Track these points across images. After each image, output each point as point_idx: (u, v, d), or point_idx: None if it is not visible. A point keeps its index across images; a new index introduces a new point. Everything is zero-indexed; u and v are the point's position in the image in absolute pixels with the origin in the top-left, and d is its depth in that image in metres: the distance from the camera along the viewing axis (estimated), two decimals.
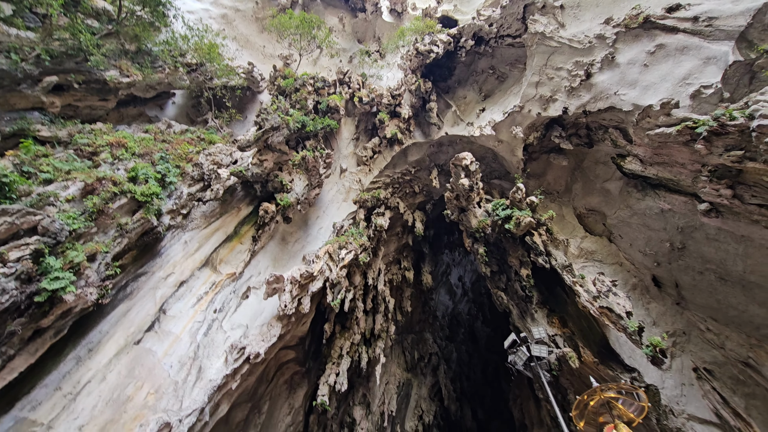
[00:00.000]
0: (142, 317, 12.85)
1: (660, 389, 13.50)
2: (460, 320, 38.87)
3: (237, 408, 15.38)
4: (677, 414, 13.05)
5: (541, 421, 21.88)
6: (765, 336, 11.84)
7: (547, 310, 18.31)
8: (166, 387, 11.85)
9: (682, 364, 13.94)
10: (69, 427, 9.59)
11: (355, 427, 24.74)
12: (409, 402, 29.85)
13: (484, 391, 37.85)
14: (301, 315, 16.77)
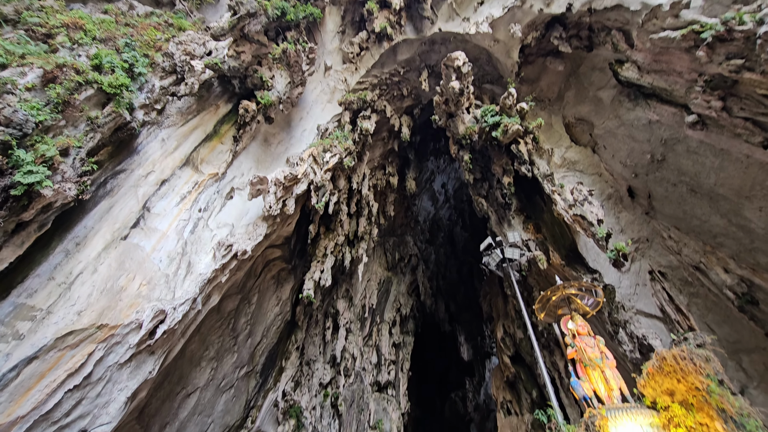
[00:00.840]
0: (126, 214, 12.88)
1: (616, 288, 14.91)
2: (441, 225, 40.50)
3: (228, 299, 16.46)
4: (627, 309, 14.62)
5: (506, 314, 24.32)
6: (719, 244, 12.80)
7: (524, 216, 19.12)
8: (157, 279, 12.42)
9: (640, 267, 15.21)
10: (68, 313, 10.18)
11: (339, 317, 27.11)
12: (389, 297, 32.46)
13: (458, 288, 41.18)
14: (286, 216, 17.11)
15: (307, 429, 21.94)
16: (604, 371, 8.37)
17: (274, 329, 20.18)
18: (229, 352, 16.91)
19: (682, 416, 6.83)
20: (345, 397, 25.29)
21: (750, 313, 11.97)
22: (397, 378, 30.00)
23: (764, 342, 12.02)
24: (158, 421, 13.72)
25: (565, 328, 9.54)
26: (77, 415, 9.79)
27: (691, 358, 6.94)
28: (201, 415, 15.62)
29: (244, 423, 18.57)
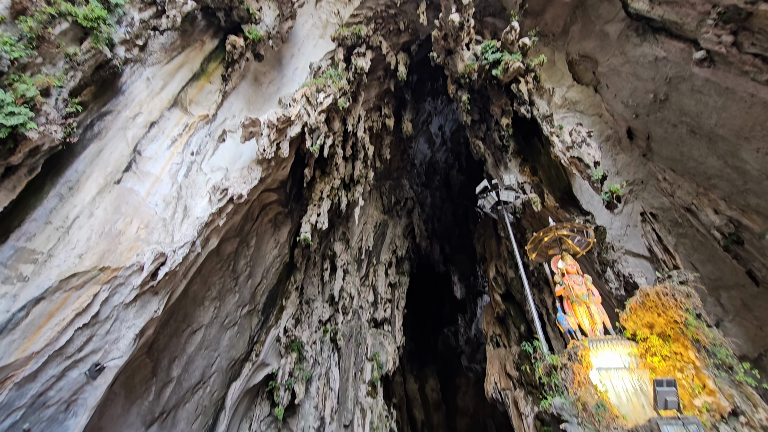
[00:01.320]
0: (117, 158, 12.65)
1: (607, 229, 15.23)
2: (437, 168, 40.28)
3: (226, 242, 16.72)
4: (616, 249, 15.04)
5: (499, 254, 25.01)
6: (712, 185, 12.90)
7: (521, 159, 18.98)
8: (155, 223, 12.51)
9: (632, 209, 15.43)
10: (69, 255, 10.35)
11: (336, 258, 27.81)
12: (385, 239, 33.10)
13: (453, 231, 41.92)
14: (280, 159, 16.87)
15: (308, 361, 23.40)
16: (589, 307, 8.81)
17: (274, 271, 20.76)
18: (230, 293, 17.52)
19: (658, 346, 7.31)
20: (343, 332, 26.70)
21: (734, 252, 12.37)
22: (393, 315, 31.49)
23: (744, 279, 12.56)
24: (167, 355, 14.54)
25: (555, 267, 9.87)
26: (89, 351, 10.33)
27: (673, 294, 7.28)
28: (207, 349, 16.54)
29: (248, 356, 19.74)
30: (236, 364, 18.69)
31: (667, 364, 7.27)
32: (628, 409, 7.21)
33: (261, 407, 22.38)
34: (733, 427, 6.37)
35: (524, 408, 20.35)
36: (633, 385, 7.40)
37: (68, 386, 10.07)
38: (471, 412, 39.33)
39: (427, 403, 39.94)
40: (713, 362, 6.98)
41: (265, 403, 22.45)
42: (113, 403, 12.42)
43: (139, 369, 13.34)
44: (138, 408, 13.50)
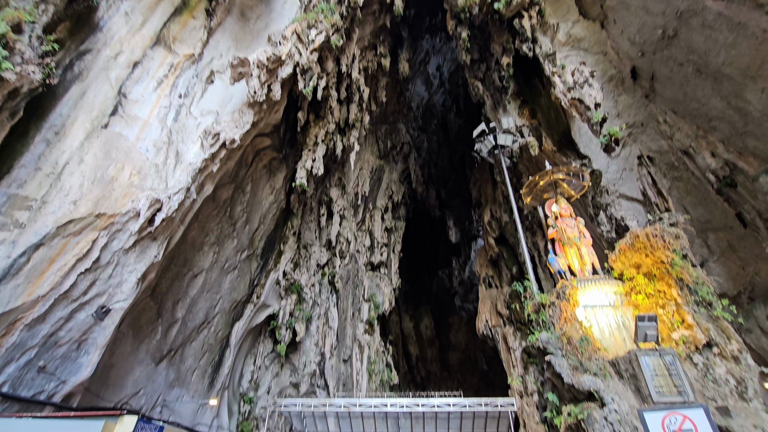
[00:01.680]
0: (101, 101, 12.17)
1: (603, 173, 15.22)
2: (434, 111, 39.21)
3: (222, 188, 16.63)
4: (611, 193, 15.16)
5: (494, 199, 25.17)
6: (713, 128, 12.70)
7: (520, 101, 18.45)
8: (147, 169, 12.32)
9: (630, 152, 15.30)
10: (63, 202, 10.30)
11: (332, 204, 27.92)
12: (381, 185, 33.03)
13: (449, 176, 41.77)
14: (272, 102, 16.29)
15: (308, 302, 24.34)
16: (580, 249, 9.04)
17: (270, 216, 20.89)
18: (228, 238, 17.75)
19: (643, 285, 7.61)
20: (341, 275, 27.52)
21: (726, 195, 12.49)
22: (389, 259, 32.30)
23: (733, 222, 12.81)
24: (170, 298, 15.03)
25: (549, 210, 9.98)
26: (94, 294, 10.63)
27: (662, 236, 7.45)
28: (210, 292, 17.08)
29: (250, 298, 20.47)
30: (238, 305, 19.41)
31: (650, 301, 7.62)
32: (610, 342, 7.67)
33: (264, 345, 23.63)
34: (705, 357, 6.83)
35: (513, 343, 21.63)
36: (616, 321, 7.81)
37: (77, 327, 10.49)
38: (463, 348, 41.81)
39: (421, 340, 42.27)
40: (694, 299, 7.32)
41: (268, 341, 23.67)
42: (122, 342, 13.03)
43: (144, 311, 13.85)
44: (146, 346, 14.20)
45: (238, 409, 21.23)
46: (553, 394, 7.34)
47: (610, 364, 6.93)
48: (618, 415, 6.10)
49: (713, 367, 6.71)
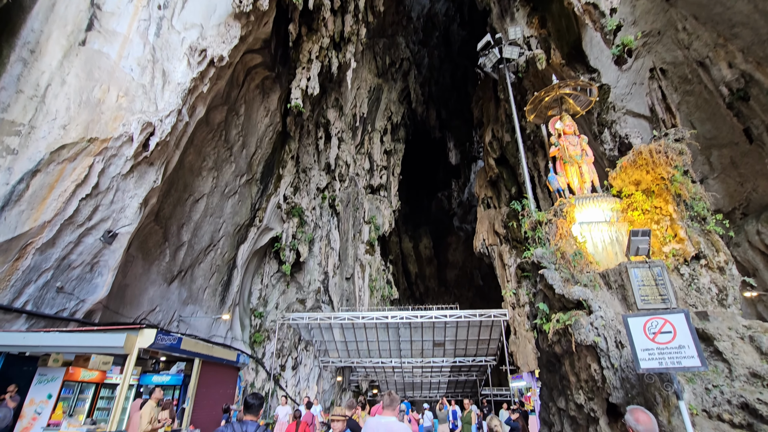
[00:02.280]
0: (74, 13, 11.17)
1: (612, 88, 14.55)
2: (436, 22, 36.33)
3: (214, 110, 16.03)
4: (617, 109, 14.64)
5: (497, 118, 24.42)
6: (734, 35, 11.84)
7: (529, 8, 16.99)
8: (134, 90, 11.74)
9: (642, 64, 14.46)
10: (52, 127, 9.99)
11: (330, 126, 27.17)
12: (380, 105, 31.82)
13: (450, 95, 40.07)
14: (260, 13, 14.99)
15: (309, 225, 24.90)
16: (581, 167, 8.96)
17: (267, 140, 20.45)
18: (226, 162, 17.56)
19: (641, 201, 7.69)
20: (341, 198, 27.78)
21: (737, 109, 12.07)
22: (388, 181, 32.34)
23: (739, 137, 12.55)
24: (174, 222, 15.32)
25: (553, 128, 9.71)
26: (98, 219, 10.81)
27: (666, 152, 7.33)
28: (212, 216, 17.37)
29: (252, 222, 20.89)
30: (242, 229, 19.88)
31: (645, 217, 7.76)
32: (602, 257, 7.96)
33: (270, 265, 24.69)
34: (692, 269, 7.14)
35: (508, 260, 22.58)
36: (610, 236, 8.03)
37: (87, 251, 10.84)
38: (460, 265, 43.77)
39: (420, 259, 44.09)
40: (689, 215, 7.44)
41: (273, 261, 24.68)
42: (133, 265, 13.58)
43: (150, 235, 14.20)
44: (157, 268, 14.83)
45: (249, 322, 22.87)
46: (544, 303, 7.81)
47: (600, 276, 7.27)
48: (603, 321, 6.55)
49: (698, 278, 7.05)
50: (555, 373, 8.27)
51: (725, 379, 5.81)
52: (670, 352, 5.20)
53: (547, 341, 7.71)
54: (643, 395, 5.99)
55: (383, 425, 4.01)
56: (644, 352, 5.34)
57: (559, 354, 7.63)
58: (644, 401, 5.98)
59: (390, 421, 4.04)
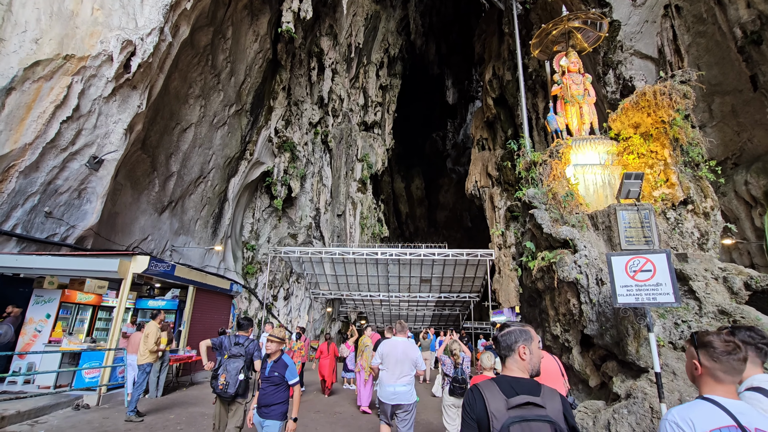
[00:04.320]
0: None
1: (622, 25, 13.80)
2: None
3: (200, 32, 14.93)
4: (625, 49, 14.01)
5: (499, 54, 23.30)
6: None
7: None
8: (110, 3, 10.77)
9: (657, 1, 13.61)
10: (23, 40, 9.25)
11: (324, 57, 25.73)
12: (377, 35, 29.95)
13: (452, 27, 37.81)
14: None
15: (301, 160, 24.52)
16: (582, 107, 8.73)
17: (257, 68, 19.37)
18: (214, 91, 16.74)
19: (638, 145, 7.62)
20: (334, 134, 27.12)
21: (748, 53, 11.64)
22: (383, 119, 31.46)
23: (744, 85, 12.25)
24: (162, 152, 14.91)
25: (557, 65, 9.31)
26: (83, 144, 10.44)
27: (670, 93, 7.13)
28: (201, 147, 16.92)
29: (243, 155, 20.46)
30: (232, 161, 19.50)
31: (640, 161, 7.74)
32: (593, 199, 8.05)
33: (261, 200, 24.65)
34: (678, 213, 7.29)
35: (498, 202, 22.82)
36: (603, 179, 8.06)
37: (73, 177, 10.59)
38: (450, 207, 44.27)
39: (411, 199, 44.38)
40: (683, 160, 7.44)
41: (265, 196, 24.61)
42: (122, 193, 13.40)
43: (138, 163, 13.87)
44: (147, 197, 14.68)
45: (242, 255, 23.32)
46: (531, 242, 8.02)
47: (588, 217, 7.41)
48: (587, 260, 6.78)
49: (683, 222, 7.23)
50: (535, 308, 8.73)
51: (694, 315, 6.19)
52: (647, 289, 5.46)
53: (530, 278, 8.03)
54: (616, 327, 6.39)
55: (401, 343, 5.33)
56: (623, 288, 5.60)
57: (541, 290, 7.98)
58: (617, 333, 6.39)
59: (404, 340, 5.41)
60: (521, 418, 1.66)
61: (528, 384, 1.82)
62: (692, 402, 1.76)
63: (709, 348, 1.78)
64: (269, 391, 4.27)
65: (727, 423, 1.60)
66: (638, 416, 5.56)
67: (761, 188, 11.53)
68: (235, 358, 4.84)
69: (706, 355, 1.78)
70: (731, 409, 1.64)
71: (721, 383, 1.74)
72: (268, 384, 4.28)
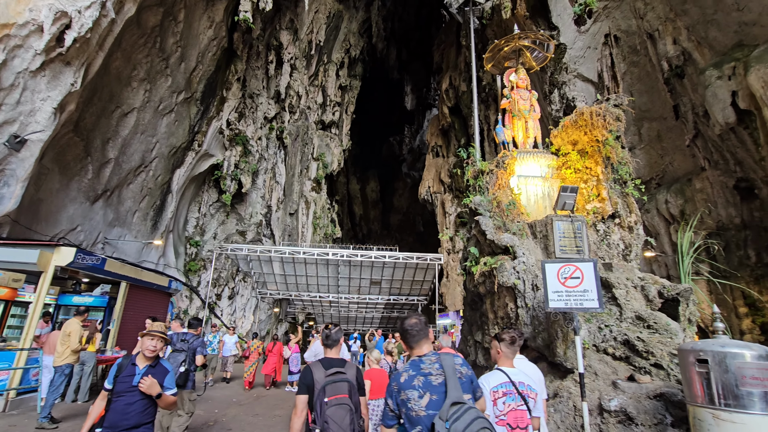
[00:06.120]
0: None
1: (568, 49, 14.76)
2: None
3: (147, 11, 14.04)
4: (570, 71, 15.00)
5: (456, 66, 24.04)
6: (683, 11, 12.30)
7: None
8: None
9: (599, 29, 14.72)
10: None
11: (282, 51, 25.19)
12: (338, 35, 29.81)
13: (413, 34, 38.50)
14: None
15: (254, 155, 23.78)
16: (527, 122, 9.23)
17: (210, 55, 18.55)
18: (161, 75, 15.80)
19: (574, 161, 8.17)
20: (290, 131, 26.58)
21: (672, 85, 12.88)
22: (341, 119, 31.31)
23: (669, 113, 13.54)
24: (98, 136, 13.83)
25: (507, 80, 9.76)
26: (1, 120, 9.44)
27: (605, 115, 7.73)
28: (144, 134, 15.89)
29: (191, 146, 19.48)
30: (178, 151, 18.50)
31: (576, 176, 8.31)
32: (533, 209, 8.52)
33: (209, 194, 23.59)
34: (607, 226, 7.90)
35: (449, 208, 23.49)
36: (543, 190, 8.55)
37: None
38: (404, 211, 44.88)
39: (366, 201, 44.49)
40: (613, 177, 8.08)
41: (213, 190, 23.58)
42: (48, 178, 12.24)
43: (69, 147, 12.74)
44: (78, 184, 13.52)
45: (184, 251, 22.15)
46: (475, 248, 8.32)
47: (528, 226, 7.82)
48: (525, 266, 7.15)
49: (611, 234, 7.84)
50: (477, 311, 9.06)
51: (615, 320, 6.72)
52: (575, 295, 5.85)
53: (473, 282, 8.32)
54: (547, 331, 6.79)
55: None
56: (554, 293, 5.96)
57: (482, 294, 8.30)
58: (548, 336, 6.79)
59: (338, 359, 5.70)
60: (332, 380, 2.88)
61: (338, 362, 3.08)
62: (491, 371, 3.10)
63: (503, 341, 3.16)
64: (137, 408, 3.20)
65: (505, 380, 2.95)
66: (563, 414, 5.93)
67: (678, 207, 12.78)
68: (179, 352, 5.30)
69: (502, 345, 3.15)
70: (508, 373, 3.01)
71: (507, 360, 3.13)
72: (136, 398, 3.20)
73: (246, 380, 12.24)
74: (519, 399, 2.87)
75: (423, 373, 2.27)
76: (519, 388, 2.90)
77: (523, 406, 2.86)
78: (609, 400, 5.51)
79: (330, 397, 2.79)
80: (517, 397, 2.87)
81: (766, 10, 10.21)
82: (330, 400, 2.77)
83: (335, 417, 2.72)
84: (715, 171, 12.27)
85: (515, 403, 2.85)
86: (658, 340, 6.25)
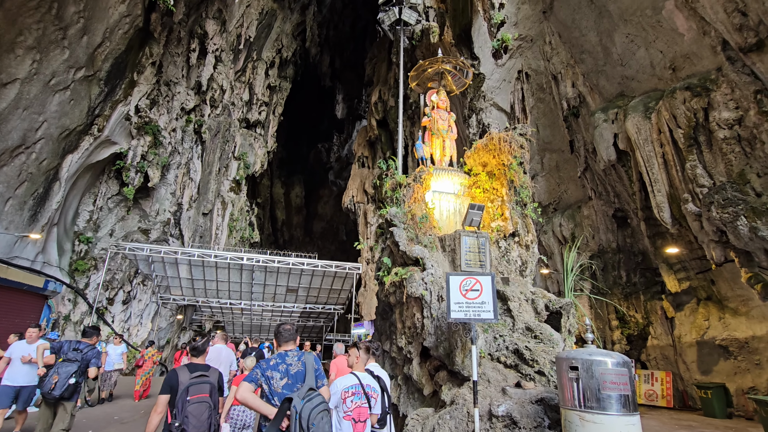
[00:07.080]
0: None
1: (486, 79, 16.01)
2: None
3: None
4: (487, 99, 16.25)
5: (386, 80, 24.72)
6: (581, 59, 14.09)
7: None
8: None
9: (514, 65, 16.21)
10: None
11: (207, 41, 23.78)
12: (270, 33, 28.99)
13: (348, 44, 38.87)
14: None
15: (166, 148, 21.92)
16: (445, 141, 9.76)
17: (121, 33, 16.80)
18: (56, 46, 13.91)
19: (484, 181, 8.81)
20: (210, 126, 25.00)
21: (569, 123, 14.59)
22: (267, 119, 30.28)
23: (565, 147, 15.29)
24: None
25: (429, 99, 10.26)
26: None
27: (511, 142, 8.48)
28: (28, 110, 13.79)
29: (89, 129, 17.33)
30: (71, 134, 16.33)
31: (484, 195, 8.95)
32: (445, 223, 8.97)
33: (107, 185, 21.14)
34: (508, 243, 8.60)
35: (371, 219, 23.81)
36: (455, 207, 9.07)
37: None
38: (328, 219, 44.49)
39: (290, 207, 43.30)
40: (515, 199, 8.86)
41: (113, 182, 21.19)
42: None
43: None
44: None
45: (71, 247, 19.50)
46: (388, 258, 8.51)
47: (439, 239, 8.22)
48: (432, 278, 7.47)
49: (510, 251, 8.55)
50: (387, 321, 9.22)
51: (509, 330, 7.29)
52: (474, 306, 6.24)
53: (384, 292, 8.48)
54: (448, 340, 7.13)
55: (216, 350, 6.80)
56: (456, 304, 6.29)
57: (392, 304, 8.49)
58: (449, 345, 7.13)
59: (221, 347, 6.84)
60: (197, 382, 3.37)
61: (202, 366, 3.61)
62: (347, 375, 3.74)
63: (361, 349, 3.95)
64: None
65: (355, 382, 3.62)
66: (457, 420, 6.23)
67: (569, 230, 14.39)
68: (70, 362, 5.16)
69: (361, 352, 3.93)
70: (359, 376, 3.69)
71: (361, 365, 3.89)
72: None
73: (136, 392, 11.00)
74: (364, 398, 3.60)
75: (286, 363, 3.16)
76: (366, 390, 3.64)
77: (366, 404, 3.60)
78: (498, 406, 5.92)
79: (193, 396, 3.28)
80: (363, 396, 3.59)
81: (642, 68, 12.11)
82: (192, 399, 3.26)
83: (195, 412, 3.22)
84: (599, 201, 14.10)
85: (360, 401, 3.57)
86: (542, 349, 6.90)
